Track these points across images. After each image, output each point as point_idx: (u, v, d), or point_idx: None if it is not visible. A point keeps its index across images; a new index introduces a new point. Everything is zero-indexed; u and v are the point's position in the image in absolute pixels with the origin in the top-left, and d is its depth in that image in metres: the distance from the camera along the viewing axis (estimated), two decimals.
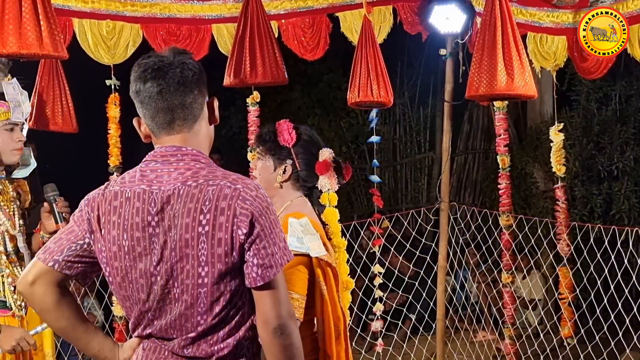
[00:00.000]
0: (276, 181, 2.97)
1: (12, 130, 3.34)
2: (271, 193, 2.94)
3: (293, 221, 2.84)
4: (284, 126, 2.99)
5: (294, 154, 2.98)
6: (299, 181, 3.00)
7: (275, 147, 2.98)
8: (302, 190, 3.02)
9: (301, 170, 2.99)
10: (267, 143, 2.99)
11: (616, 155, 7.54)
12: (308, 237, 2.83)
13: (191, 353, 2.10)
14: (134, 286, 2.10)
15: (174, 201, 2.06)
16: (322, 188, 3.05)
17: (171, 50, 2.18)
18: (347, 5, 5.65)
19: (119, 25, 5.22)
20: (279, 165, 2.98)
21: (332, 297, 2.88)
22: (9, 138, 3.33)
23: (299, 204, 2.97)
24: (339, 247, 3.21)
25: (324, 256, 2.86)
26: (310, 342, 2.87)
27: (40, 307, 2.20)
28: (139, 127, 2.21)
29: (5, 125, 3.32)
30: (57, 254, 2.16)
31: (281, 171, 2.97)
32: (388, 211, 8.51)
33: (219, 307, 2.07)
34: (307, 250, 2.81)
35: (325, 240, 2.94)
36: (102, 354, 2.23)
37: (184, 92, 2.13)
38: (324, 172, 3.03)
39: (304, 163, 3.00)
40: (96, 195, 2.17)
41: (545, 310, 7.34)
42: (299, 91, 9.90)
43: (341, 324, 2.90)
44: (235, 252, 2.04)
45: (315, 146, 3.06)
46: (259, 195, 2.08)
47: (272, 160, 2.98)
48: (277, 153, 2.98)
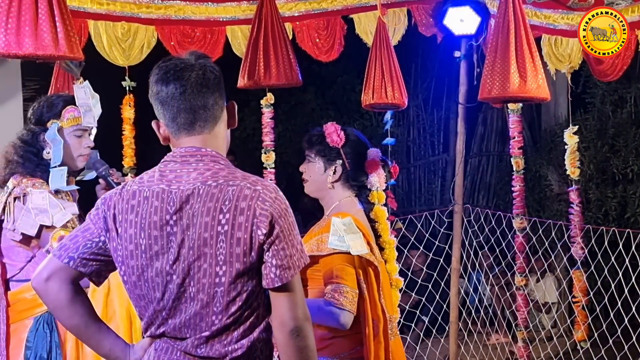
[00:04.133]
0: (327, 182, 3.08)
1: (81, 136, 3.32)
2: (322, 194, 3.11)
3: (336, 220, 2.93)
4: (332, 128, 3.11)
5: (343, 154, 3.08)
6: (349, 181, 3.11)
7: (325, 148, 3.09)
8: (352, 190, 3.12)
9: (350, 169, 3.09)
10: (316, 145, 3.11)
11: (631, 158, 7.50)
12: (350, 236, 2.91)
13: (204, 353, 2.11)
14: (149, 285, 2.11)
15: (193, 200, 2.07)
16: (371, 186, 3.16)
17: (191, 54, 2.20)
18: (362, 7, 5.65)
19: (134, 27, 5.24)
20: (329, 166, 3.09)
21: (372, 296, 2.97)
22: (78, 144, 3.31)
23: (346, 204, 3.08)
24: (389, 244, 3.28)
25: (366, 255, 2.95)
26: (349, 341, 2.95)
27: (54, 304, 2.21)
28: (157, 129, 2.22)
29: (75, 131, 3.30)
30: (72, 251, 2.18)
31: (331, 172, 3.08)
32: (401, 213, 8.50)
33: (235, 307, 2.08)
34: (347, 248, 2.90)
35: (369, 240, 3.04)
36: (114, 354, 2.23)
37: (206, 93, 2.15)
38: (373, 170, 3.15)
39: (353, 163, 3.11)
40: (113, 194, 2.18)
41: (558, 313, 7.32)
42: (312, 93, 9.90)
43: (381, 324, 2.97)
44: (254, 252, 2.05)
45: (363, 146, 3.18)
46: (279, 197, 2.10)
47: (322, 161, 3.09)
48: (327, 154, 3.09)
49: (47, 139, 3.25)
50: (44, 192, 3.16)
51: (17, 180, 3.20)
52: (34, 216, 3.11)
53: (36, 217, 3.11)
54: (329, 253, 2.90)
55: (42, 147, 3.27)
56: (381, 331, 2.97)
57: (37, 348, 3.18)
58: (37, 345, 3.18)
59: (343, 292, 2.86)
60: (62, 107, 3.30)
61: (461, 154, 6.27)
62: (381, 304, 2.99)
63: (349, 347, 2.95)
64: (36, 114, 3.32)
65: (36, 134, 3.28)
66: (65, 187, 3.24)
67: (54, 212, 3.13)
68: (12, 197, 3.18)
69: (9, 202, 3.18)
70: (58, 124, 3.27)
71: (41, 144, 3.27)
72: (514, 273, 6.28)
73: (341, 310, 2.85)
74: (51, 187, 3.20)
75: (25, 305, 3.19)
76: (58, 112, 3.29)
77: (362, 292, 2.91)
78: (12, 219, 3.16)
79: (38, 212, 3.12)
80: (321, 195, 3.12)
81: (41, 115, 3.30)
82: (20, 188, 3.18)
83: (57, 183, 3.22)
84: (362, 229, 3.00)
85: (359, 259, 2.92)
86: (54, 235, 3.10)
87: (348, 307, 2.86)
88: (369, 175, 3.15)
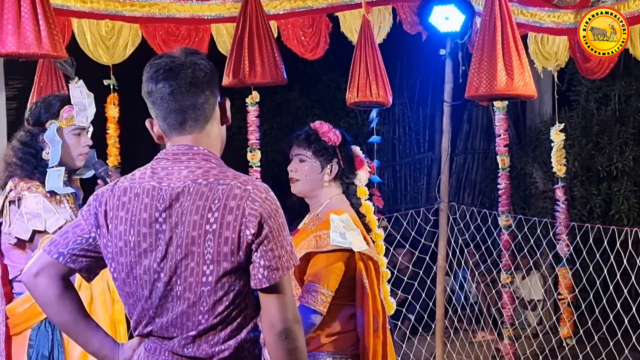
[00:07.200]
0: (323, 180, 3.09)
1: (80, 134, 3.30)
2: (315, 193, 3.11)
3: (335, 217, 2.94)
4: (326, 127, 3.12)
5: (338, 152, 3.10)
6: (342, 179, 3.13)
7: (321, 147, 3.08)
8: (341, 187, 3.14)
9: (344, 168, 3.12)
10: (313, 144, 3.09)
11: (615, 156, 7.53)
12: (350, 233, 2.93)
13: (191, 353, 2.09)
14: (137, 282, 2.10)
15: (183, 198, 2.06)
16: (359, 183, 3.20)
17: (183, 51, 2.18)
18: (347, 5, 5.65)
19: (118, 25, 5.22)
20: (326, 165, 3.09)
21: (372, 291, 2.99)
22: (77, 143, 3.29)
23: (338, 202, 3.09)
24: (379, 237, 3.33)
25: (366, 250, 2.97)
26: (352, 337, 2.97)
27: (42, 299, 2.20)
28: (151, 128, 2.21)
29: (73, 130, 3.27)
30: (62, 247, 2.17)
31: (328, 170, 3.09)
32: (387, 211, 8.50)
33: (222, 307, 2.06)
34: (350, 245, 2.91)
35: (365, 235, 3.05)
36: (102, 352, 2.22)
37: (196, 93, 2.13)
38: (361, 167, 3.19)
39: (346, 161, 3.12)
40: (105, 190, 2.17)
41: (544, 310, 7.34)
42: (298, 91, 9.89)
43: (380, 318, 3.01)
44: (242, 251, 2.04)
45: (350, 143, 3.20)
46: (269, 198, 2.09)
47: (318, 161, 3.09)
48: (324, 154, 3.08)
49: (46, 139, 3.23)
50: (39, 196, 3.14)
51: (15, 182, 3.20)
52: (26, 221, 3.10)
53: (28, 223, 3.10)
54: (330, 250, 2.90)
55: (41, 148, 3.25)
56: (381, 325, 2.99)
57: (39, 346, 3.18)
58: (40, 343, 3.18)
59: (318, 292, 2.86)
60: (59, 107, 3.28)
61: (447, 151, 6.26)
62: (380, 298, 3.01)
63: (352, 342, 2.97)
64: (34, 115, 3.29)
65: (35, 135, 3.26)
66: (61, 190, 3.22)
67: (47, 216, 3.12)
68: (7, 201, 3.18)
69: (5, 206, 3.18)
70: (57, 124, 3.25)
71: (40, 145, 3.25)
72: (499, 270, 6.29)
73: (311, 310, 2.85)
74: (47, 187, 3.18)
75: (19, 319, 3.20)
76: (56, 112, 3.27)
77: (364, 287, 2.93)
78: (8, 223, 3.16)
79: (31, 217, 3.11)
80: (313, 194, 3.12)
81: (39, 116, 3.28)
82: (15, 192, 3.17)
83: (54, 184, 3.20)
84: (357, 225, 3.01)
85: (359, 255, 2.94)
86: (43, 241, 3.09)
87: (318, 308, 2.86)
88: (357, 171, 3.18)
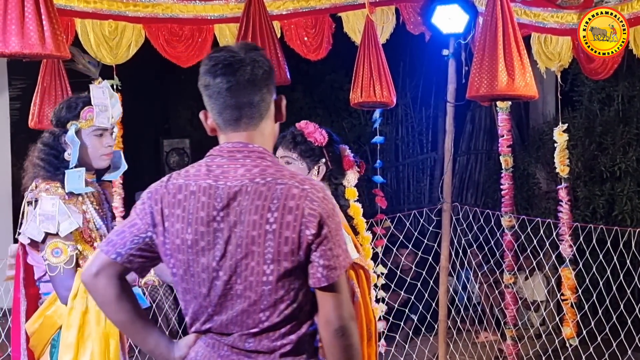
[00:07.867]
0: None
1: (102, 135, 3.30)
2: None
3: None
4: (312, 127, 3.05)
5: (326, 153, 3.03)
6: (330, 180, 3.06)
7: (308, 149, 3.02)
8: (330, 189, 3.04)
9: (332, 168, 3.05)
10: (299, 146, 3.03)
11: (619, 156, 7.52)
12: None
13: (252, 347, 2.12)
14: (195, 280, 2.12)
15: (241, 197, 2.07)
16: (348, 183, 3.12)
17: (243, 46, 2.19)
18: (350, 5, 5.64)
19: (121, 26, 5.21)
20: (313, 166, 3.02)
21: (364, 300, 2.94)
22: (99, 143, 3.29)
23: None
24: (366, 241, 3.25)
25: (357, 259, 2.90)
26: None
27: (102, 299, 2.23)
28: (205, 120, 2.22)
29: (94, 131, 3.28)
30: (119, 247, 2.18)
31: (316, 172, 3.02)
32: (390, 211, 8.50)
33: (283, 305, 2.09)
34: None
35: (356, 243, 2.99)
36: (158, 350, 2.25)
37: (253, 90, 2.15)
38: (350, 167, 3.11)
39: (333, 161, 3.05)
40: (159, 187, 2.17)
41: (547, 311, 7.33)
42: (301, 91, 9.88)
43: (372, 326, 2.96)
44: (302, 251, 2.06)
45: (337, 143, 3.13)
46: (326, 197, 2.11)
47: (305, 162, 3.02)
48: (311, 155, 3.02)
49: (67, 140, 3.24)
50: (55, 198, 3.14)
51: (37, 183, 3.21)
52: (38, 223, 3.10)
53: (40, 225, 3.10)
54: None
55: (63, 149, 3.25)
56: (373, 334, 2.97)
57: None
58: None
59: None
60: (81, 107, 3.28)
61: (450, 152, 6.26)
62: (372, 307, 2.98)
63: None
64: (57, 116, 3.31)
65: (57, 136, 3.28)
66: (82, 190, 3.23)
67: (61, 219, 3.11)
68: (26, 201, 3.21)
69: (24, 206, 3.20)
70: (77, 125, 3.26)
71: (62, 146, 3.26)
72: (502, 271, 6.29)
73: None
74: (67, 188, 3.19)
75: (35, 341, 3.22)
76: (77, 113, 3.27)
77: (355, 296, 2.88)
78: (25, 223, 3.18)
79: (44, 219, 3.10)
80: None
81: (61, 117, 3.29)
82: (33, 193, 3.19)
83: (73, 184, 3.20)
84: (347, 231, 2.94)
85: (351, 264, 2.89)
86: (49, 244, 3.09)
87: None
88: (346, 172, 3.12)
